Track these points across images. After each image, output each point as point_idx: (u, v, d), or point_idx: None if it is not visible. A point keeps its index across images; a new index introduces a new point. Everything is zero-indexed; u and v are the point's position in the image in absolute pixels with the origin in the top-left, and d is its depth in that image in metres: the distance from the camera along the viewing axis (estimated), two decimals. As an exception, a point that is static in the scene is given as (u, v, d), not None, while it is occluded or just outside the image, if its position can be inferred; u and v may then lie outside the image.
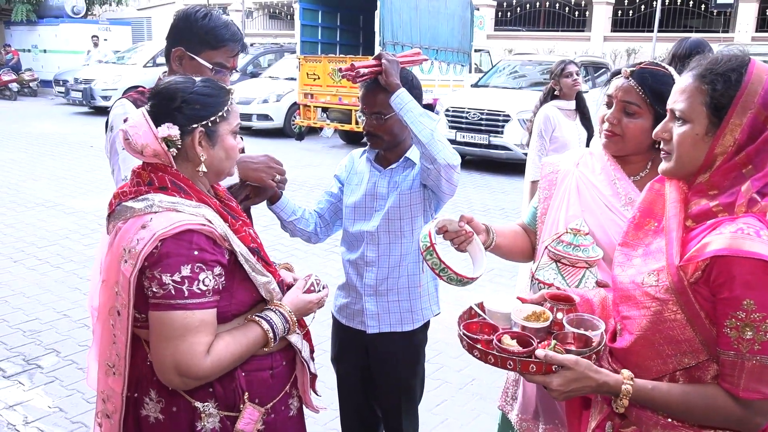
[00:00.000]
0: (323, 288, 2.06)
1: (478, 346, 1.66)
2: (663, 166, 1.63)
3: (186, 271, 1.69)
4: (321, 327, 2.16)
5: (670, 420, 1.58)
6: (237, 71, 2.58)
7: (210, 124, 1.81)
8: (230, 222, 1.83)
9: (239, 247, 1.80)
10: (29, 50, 24.48)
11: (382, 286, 2.65)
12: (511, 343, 1.64)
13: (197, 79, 1.87)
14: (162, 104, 1.80)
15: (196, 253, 1.71)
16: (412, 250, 2.65)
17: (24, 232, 7.28)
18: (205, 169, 1.83)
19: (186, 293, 1.69)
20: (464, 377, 4.37)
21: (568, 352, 1.59)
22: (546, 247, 2.00)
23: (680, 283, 1.50)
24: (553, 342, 1.63)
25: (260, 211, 2.50)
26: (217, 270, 1.75)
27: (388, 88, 2.45)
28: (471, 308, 1.90)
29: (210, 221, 1.75)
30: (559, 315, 1.76)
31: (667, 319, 1.53)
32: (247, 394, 1.87)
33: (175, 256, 1.69)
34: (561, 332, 1.69)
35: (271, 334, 1.86)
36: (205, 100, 1.81)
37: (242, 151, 1.95)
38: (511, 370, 1.61)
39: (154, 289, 1.70)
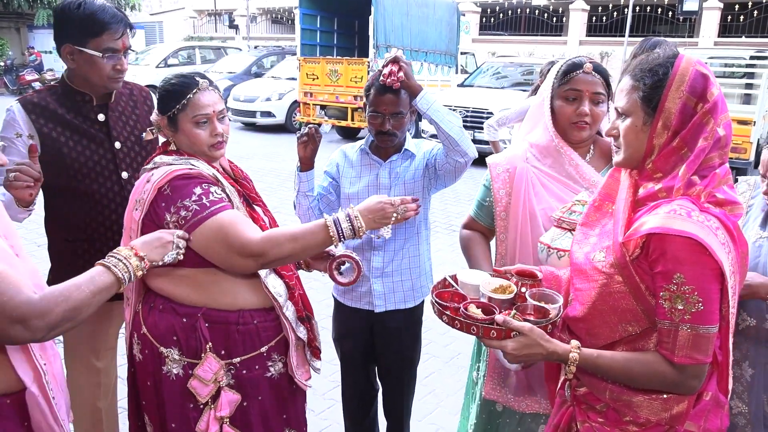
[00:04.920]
0: (410, 199, 2.05)
1: (447, 312, 1.71)
2: (615, 158, 1.67)
3: (198, 190, 1.88)
4: (320, 306, 2.17)
5: (617, 385, 1.62)
6: (132, 51, 2.46)
7: (171, 115, 1.99)
8: (221, 173, 2.03)
9: (228, 187, 1.98)
10: (50, 52, 24.23)
11: (388, 268, 2.65)
12: (476, 312, 1.69)
13: (172, 75, 2.03)
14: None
15: (200, 180, 1.91)
16: (413, 234, 2.67)
17: (37, 214, 7.23)
18: (174, 148, 2.03)
19: (207, 204, 1.86)
20: (451, 352, 4.39)
21: (524, 320, 1.64)
22: (559, 219, 2.00)
23: (623, 258, 1.54)
24: (513, 311, 1.68)
25: (266, 196, 2.49)
26: (218, 188, 1.94)
27: (409, 90, 2.42)
28: (445, 279, 1.92)
29: (194, 165, 1.95)
30: (524, 289, 1.79)
31: (613, 291, 1.57)
32: (210, 344, 1.92)
33: (186, 186, 1.89)
34: (522, 304, 1.73)
35: (333, 230, 1.90)
36: (167, 94, 1.99)
37: (219, 135, 2.01)
38: (474, 335, 1.65)
39: (183, 215, 1.86)
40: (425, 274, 2.77)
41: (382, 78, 2.40)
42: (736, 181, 2.44)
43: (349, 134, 13.81)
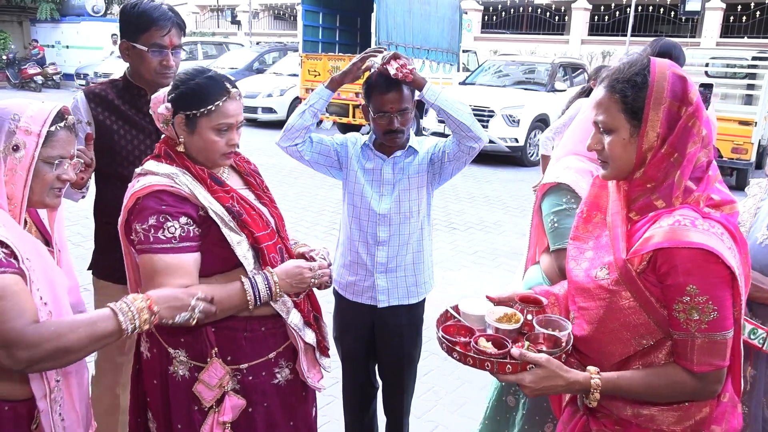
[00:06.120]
0: (326, 265, 2.06)
1: (457, 348, 1.63)
2: (603, 172, 1.64)
3: (152, 220, 1.81)
4: (320, 303, 2.15)
5: (637, 402, 1.59)
6: (183, 50, 2.65)
7: (191, 115, 1.88)
8: (209, 185, 1.91)
9: (210, 204, 1.87)
10: (53, 46, 24.28)
11: (391, 263, 2.64)
12: (486, 345, 1.61)
13: (195, 71, 1.95)
14: (171, 87, 1.95)
15: (163, 207, 1.82)
16: (417, 230, 2.66)
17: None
18: (182, 149, 1.93)
19: (151, 239, 1.80)
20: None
21: (538, 350, 1.58)
22: None
23: (629, 274, 1.51)
24: (527, 343, 1.62)
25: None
26: (183, 220, 1.83)
27: (414, 84, 2.42)
28: (447, 311, 1.85)
29: (176, 182, 1.85)
30: (529, 316, 1.74)
31: (622, 307, 1.54)
32: (216, 350, 1.89)
33: (146, 209, 1.82)
34: (532, 333, 1.66)
35: (250, 294, 1.86)
36: (195, 93, 1.88)
37: (235, 146, 1.97)
38: (489, 371, 1.57)
39: (132, 237, 1.84)
40: (428, 270, 2.76)
41: (394, 73, 2.37)
42: (746, 184, 2.43)
43: (349, 130, 13.79)
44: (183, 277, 1.80)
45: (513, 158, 11.50)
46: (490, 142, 11.14)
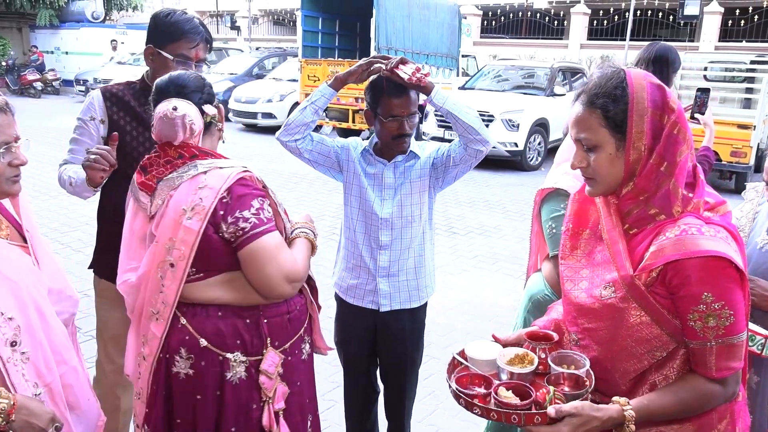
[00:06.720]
0: None
1: (477, 402, 1.53)
2: (589, 189, 1.62)
3: (257, 203, 1.87)
4: (323, 308, 2.17)
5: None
6: (206, 64, 2.75)
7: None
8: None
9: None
10: (52, 52, 24.30)
11: (393, 267, 2.65)
12: (508, 395, 1.52)
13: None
14: (196, 92, 1.96)
15: (254, 191, 1.90)
16: (418, 234, 2.67)
17: (48, 218, 7.25)
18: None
19: (265, 220, 1.86)
20: (450, 353, 4.37)
21: (564, 394, 1.52)
22: None
23: (637, 289, 1.50)
24: (552, 389, 1.52)
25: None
26: (268, 201, 1.94)
27: (422, 90, 2.45)
28: (454, 358, 1.77)
29: (247, 168, 1.92)
30: (542, 354, 1.67)
31: (633, 323, 1.52)
32: (269, 339, 1.95)
33: (245, 196, 1.85)
34: (552, 374, 1.59)
35: (312, 237, 2.08)
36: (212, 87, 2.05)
37: None
38: (516, 424, 1.48)
39: (241, 226, 1.82)
40: (429, 274, 2.77)
41: (408, 78, 2.39)
42: (744, 188, 2.44)
43: (349, 136, 13.80)
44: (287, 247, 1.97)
45: (513, 162, 11.51)
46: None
